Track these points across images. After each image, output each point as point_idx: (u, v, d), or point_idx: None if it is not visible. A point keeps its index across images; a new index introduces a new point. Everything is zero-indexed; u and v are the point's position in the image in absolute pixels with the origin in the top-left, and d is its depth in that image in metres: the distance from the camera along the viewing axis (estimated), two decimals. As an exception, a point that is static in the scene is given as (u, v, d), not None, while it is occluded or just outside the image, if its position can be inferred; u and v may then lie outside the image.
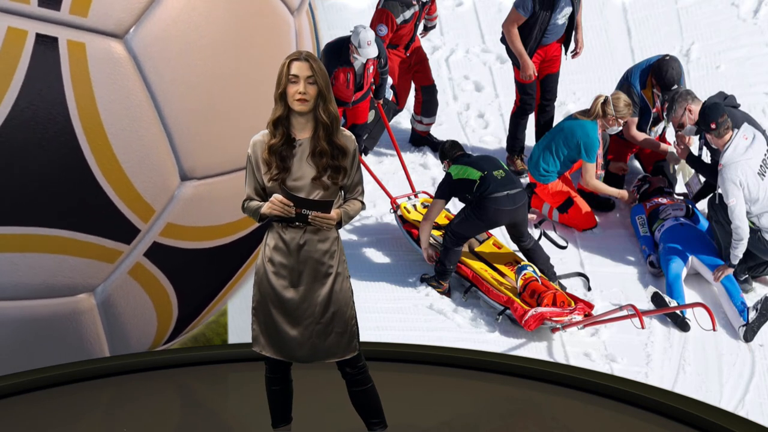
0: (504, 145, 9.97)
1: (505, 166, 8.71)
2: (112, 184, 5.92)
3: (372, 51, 9.23)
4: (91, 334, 6.26)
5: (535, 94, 9.71)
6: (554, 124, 9.72)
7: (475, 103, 10.57)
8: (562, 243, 8.99)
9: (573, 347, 8.33)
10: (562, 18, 9.48)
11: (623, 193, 9.40)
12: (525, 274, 8.50)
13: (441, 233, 8.81)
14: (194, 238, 6.32)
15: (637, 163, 9.88)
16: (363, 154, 9.87)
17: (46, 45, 5.68)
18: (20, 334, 6.14)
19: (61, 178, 5.83)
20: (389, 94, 10.10)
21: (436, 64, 10.78)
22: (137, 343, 6.52)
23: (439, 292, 8.73)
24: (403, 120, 10.32)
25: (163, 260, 6.25)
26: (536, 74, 9.61)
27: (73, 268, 6.03)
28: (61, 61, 5.70)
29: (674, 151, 9.37)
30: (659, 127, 9.62)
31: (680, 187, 9.59)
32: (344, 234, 9.03)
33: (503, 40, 9.65)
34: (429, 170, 9.88)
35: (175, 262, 6.30)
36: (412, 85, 10.15)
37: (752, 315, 8.43)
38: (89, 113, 5.79)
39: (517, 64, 9.61)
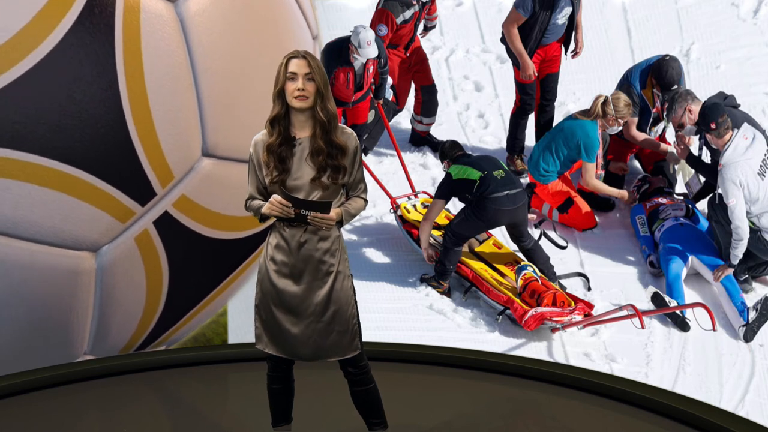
0: (504, 145, 9.97)
1: (505, 166, 8.71)
2: (141, 137, 6.03)
3: (372, 51, 9.23)
4: (81, 302, 6.24)
5: (535, 94, 9.71)
6: (554, 124, 9.73)
7: (475, 103, 10.57)
8: (562, 243, 8.99)
9: (573, 347, 8.33)
10: (562, 18, 9.48)
11: (623, 193, 9.40)
12: (525, 274, 8.50)
13: (441, 233, 8.81)
14: (202, 220, 6.37)
15: (637, 163, 9.88)
16: (363, 154, 9.87)
17: None
18: (9, 280, 6.11)
19: (95, 118, 5.93)
20: (389, 94, 10.10)
21: (436, 64, 10.78)
22: (117, 334, 6.48)
23: (439, 292, 8.73)
24: (403, 120, 10.32)
25: (169, 235, 6.28)
26: (536, 74, 9.61)
27: (85, 217, 6.05)
28: (116, 6, 5.93)
29: (674, 151, 9.37)
30: (659, 127, 9.62)
31: (680, 187, 9.59)
32: (344, 234, 9.00)
33: (503, 40, 9.65)
34: (429, 170, 9.88)
35: (178, 242, 6.34)
36: (412, 85, 10.15)
37: (752, 315, 8.43)
38: (133, 61, 5.96)
39: (517, 64, 9.61)
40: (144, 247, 6.27)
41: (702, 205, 9.27)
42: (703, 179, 9.28)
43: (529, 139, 9.88)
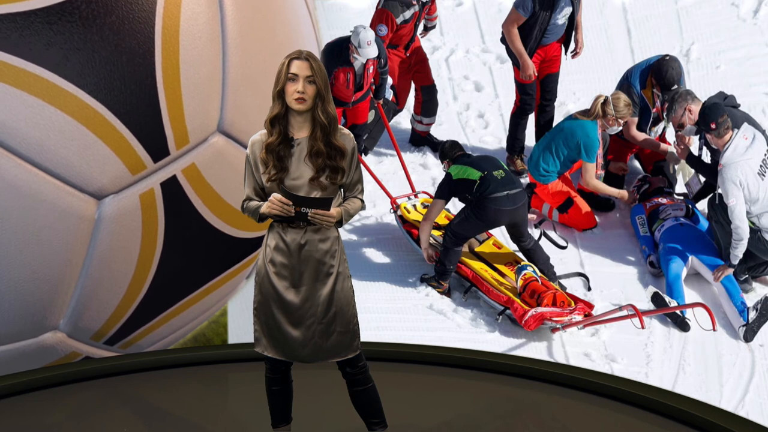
0: (504, 145, 9.98)
1: (505, 166, 8.71)
2: (167, 90, 6.10)
3: (372, 51, 9.23)
4: (73, 253, 6.17)
5: (535, 94, 9.71)
6: (554, 124, 9.73)
7: (475, 103, 10.57)
8: (562, 243, 8.99)
9: (573, 347, 8.33)
10: (562, 18, 9.48)
11: (623, 193, 9.40)
12: (525, 274, 8.50)
13: (441, 233, 8.81)
14: (206, 200, 6.39)
15: (637, 163, 9.88)
16: (363, 154, 9.87)
17: None
18: (9, 204, 6.02)
19: (127, 59, 6.01)
20: (389, 94, 10.10)
21: (436, 64, 10.78)
22: (95, 310, 6.41)
23: (439, 292, 8.73)
24: (403, 120, 10.32)
25: (172, 204, 6.29)
26: (536, 74, 9.61)
27: (99, 157, 6.05)
28: None
29: (674, 151, 9.37)
30: (659, 127, 9.62)
31: (680, 187, 9.59)
32: (344, 234, 9.03)
33: (503, 40, 9.65)
34: (429, 170, 9.88)
35: (179, 215, 6.34)
36: (412, 85, 10.15)
37: (752, 315, 8.43)
38: (172, 18, 6.09)
39: (517, 64, 9.61)
40: (146, 209, 6.24)
41: (702, 205, 9.27)
42: (703, 179, 9.28)
43: (529, 139, 9.88)
